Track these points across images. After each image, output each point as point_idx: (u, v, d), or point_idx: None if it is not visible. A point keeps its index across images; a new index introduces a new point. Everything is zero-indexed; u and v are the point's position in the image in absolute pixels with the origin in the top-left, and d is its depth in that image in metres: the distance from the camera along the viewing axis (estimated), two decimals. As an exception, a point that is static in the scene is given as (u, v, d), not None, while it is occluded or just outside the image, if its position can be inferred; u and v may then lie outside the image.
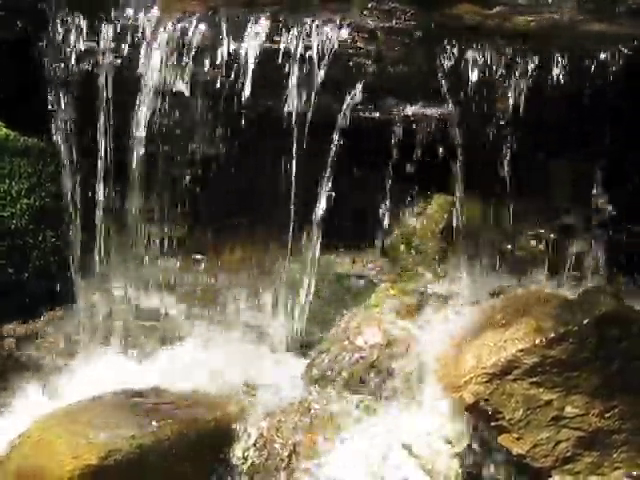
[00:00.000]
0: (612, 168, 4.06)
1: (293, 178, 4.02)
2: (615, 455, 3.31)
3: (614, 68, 3.95)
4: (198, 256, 4.37)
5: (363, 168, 4.21)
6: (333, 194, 4.02)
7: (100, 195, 4.20)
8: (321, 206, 4.02)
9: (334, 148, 3.99)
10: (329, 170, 4.00)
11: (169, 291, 4.34)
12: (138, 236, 4.29)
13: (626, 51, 3.93)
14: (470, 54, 4.04)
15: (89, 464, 3.17)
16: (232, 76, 4.08)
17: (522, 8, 4.10)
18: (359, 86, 4.02)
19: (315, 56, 4.03)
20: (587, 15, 4.05)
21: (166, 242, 4.38)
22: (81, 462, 3.16)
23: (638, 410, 3.31)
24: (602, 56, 3.95)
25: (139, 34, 4.14)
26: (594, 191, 4.11)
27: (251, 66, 4.04)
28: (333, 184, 4.01)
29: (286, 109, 4.01)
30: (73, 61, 4.17)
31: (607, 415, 3.31)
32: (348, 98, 4.02)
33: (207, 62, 4.11)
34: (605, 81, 3.96)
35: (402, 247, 4.27)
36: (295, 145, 4.00)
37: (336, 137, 3.99)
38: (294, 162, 4.01)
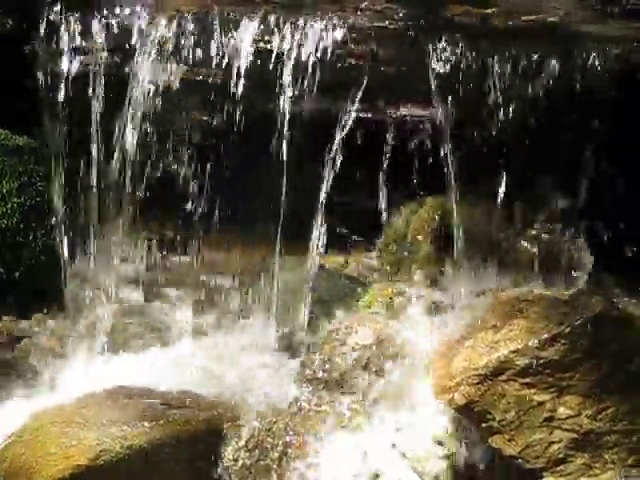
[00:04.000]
0: (607, 169, 4.06)
1: (288, 179, 4.02)
2: (607, 456, 3.31)
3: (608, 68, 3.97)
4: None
5: (356, 168, 4.21)
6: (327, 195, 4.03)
7: (92, 193, 4.20)
8: (320, 207, 4.02)
9: (330, 149, 4.00)
10: (326, 171, 4.00)
11: (161, 290, 4.33)
12: (130, 235, 4.29)
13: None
14: (463, 55, 4.03)
15: (80, 464, 3.16)
16: (225, 75, 4.08)
17: (517, 9, 4.10)
18: (355, 88, 4.03)
19: (308, 56, 4.03)
20: (583, 16, 4.05)
21: (158, 241, 4.37)
22: (72, 462, 3.16)
23: (630, 411, 3.31)
24: (596, 56, 3.96)
25: (132, 32, 4.13)
26: (587, 192, 4.12)
27: (244, 66, 4.04)
28: (327, 184, 4.02)
29: (280, 109, 4.01)
30: (66, 59, 4.17)
31: (599, 416, 3.31)
32: (345, 100, 4.02)
33: (199, 61, 4.11)
34: (600, 81, 3.97)
35: (395, 248, 4.27)
36: (289, 146, 4.00)
37: (333, 138, 4.00)
38: (289, 163, 4.01)
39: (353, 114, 4.05)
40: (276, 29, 4.06)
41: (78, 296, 4.26)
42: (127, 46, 4.14)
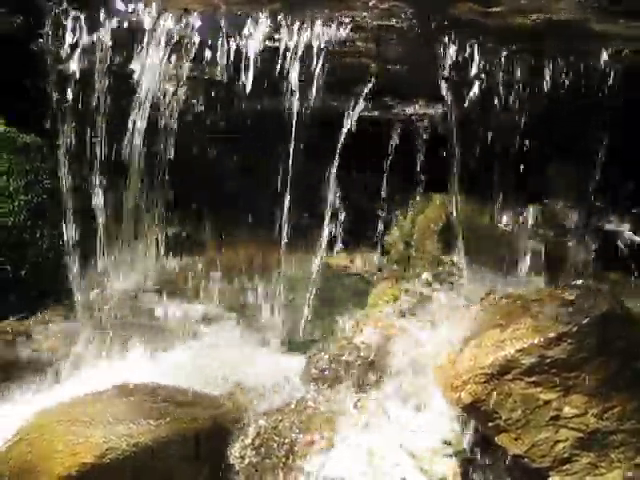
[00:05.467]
0: (611, 169, 4.06)
1: (294, 177, 4.02)
2: (613, 455, 3.30)
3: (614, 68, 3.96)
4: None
5: (362, 167, 4.21)
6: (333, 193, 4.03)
7: (99, 192, 4.20)
8: (327, 205, 4.02)
9: (336, 147, 4.00)
10: (331, 168, 4.00)
11: (167, 289, 4.33)
12: (136, 234, 4.29)
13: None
14: (469, 53, 4.03)
15: (86, 462, 3.16)
16: (232, 74, 4.08)
17: (523, 7, 4.10)
18: (362, 87, 4.03)
19: (315, 55, 4.03)
20: (588, 15, 4.05)
21: (165, 240, 4.38)
22: (78, 460, 3.16)
23: (637, 410, 3.30)
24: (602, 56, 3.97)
25: (138, 30, 4.13)
26: (592, 192, 4.12)
27: (251, 64, 4.04)
28: (333, 182, 4.02)
29: (286, 108, 4.01)
30: (72, 57, 4.17)
31: (605, 415, 3.30)
32: (351, 98, 4.02)
33: (206, 59, 4.11)
34: (605, 81, 3.97)
35: (401, 246, 4.27)
36: (296, 144, 4.00)
37: (339, 136, 4.00)
38: (295, 161, 4.01)
39: (360, 112, 4.06)
40: (283, 27, 4.06)
41: (84, 294, 4.26)
42: (133, 44, 4.14)
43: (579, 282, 4.00)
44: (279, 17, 4.06)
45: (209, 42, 4.10)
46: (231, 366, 3.83)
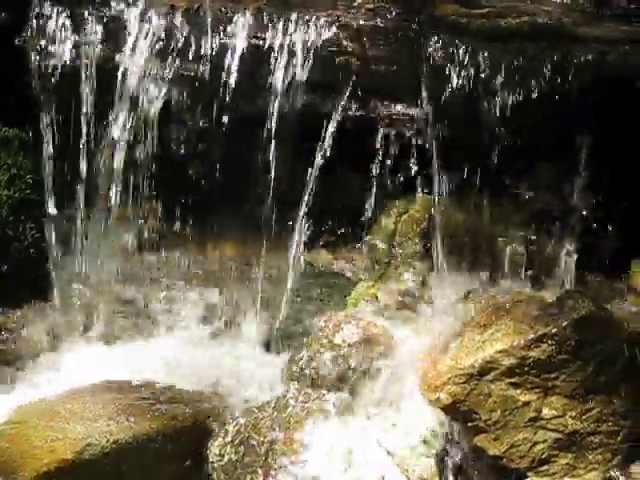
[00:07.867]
0: (595, 171, 4.08)
1: (277, 175, 4.03)
2: (591, 457, 3.33)
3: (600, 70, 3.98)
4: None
5: (346, 166, 4.21)
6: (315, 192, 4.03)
7: (82, 187, 4.19)
8: (305, 204, 4.03)
9: (318, 146, 4.00)
10: (314, 168, 4.00)
11: (149, 285, 4.33)
12: (119, 229, 4.29)
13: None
14: (454, 54, 4.04)
15: (65, 458, 3.17)
16: (216, 72, 4.08)
17: (508, 9, 4.11)
18: (346, 87, 4.04)
19: (299, 54, 4.03)
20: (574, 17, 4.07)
21: (147, 235, 4.38)
22: (57, 456, 3.16)
23: (614, 412, 3.33)
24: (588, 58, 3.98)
25: (123, 27, 4.13)
26: (574, 194, 4.13)
27: (236, 62, 4.04)
28: (316, 182, 4.02)
29: (270, 106, 4.02)
30: (56, 52, 4.16)
31: (584, 417, 3.32)
32: (335, 98, 4.03)
33: (191, 57, 4.11)
34: (591, 82, 3.99)
35: (383, 246, 4.28)
36: (279, 142, 4.00)
37: (323, 136, 4.01)
38: (278, 160, 4.01)
39: (343, 112, 4.06)
40: (267, 26, 4.06)
41: (67, 290, 4.25)
42: (118, 39, 4.13)
43: (559, 284, 4.05)
44: (264, 16, 4.07)
45: (194, 39, 4.10)
46: (212, 364, 3.83)
